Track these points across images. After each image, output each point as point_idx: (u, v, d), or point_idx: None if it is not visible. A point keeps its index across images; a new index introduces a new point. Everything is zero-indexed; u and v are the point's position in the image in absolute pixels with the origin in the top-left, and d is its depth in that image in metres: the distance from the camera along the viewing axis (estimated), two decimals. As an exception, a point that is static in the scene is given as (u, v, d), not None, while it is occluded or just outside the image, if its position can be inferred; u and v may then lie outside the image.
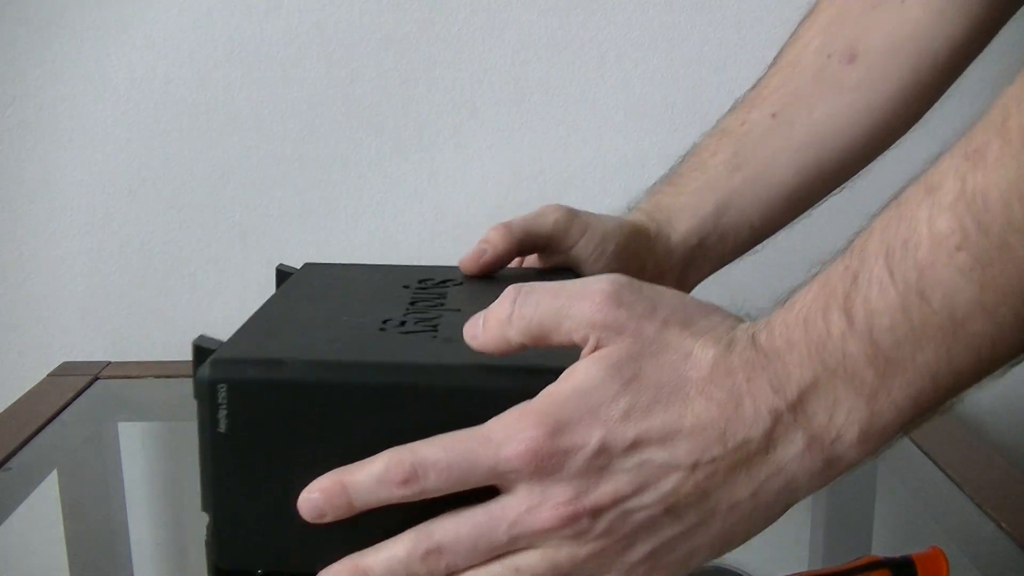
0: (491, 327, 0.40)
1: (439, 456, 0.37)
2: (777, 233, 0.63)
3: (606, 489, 0.37)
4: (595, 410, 0.37)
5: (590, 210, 0.59)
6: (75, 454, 0.82)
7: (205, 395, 0.39)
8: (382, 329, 0.44)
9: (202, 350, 0.40)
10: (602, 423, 0.37)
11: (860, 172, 0.63)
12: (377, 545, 0.39)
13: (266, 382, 0.39)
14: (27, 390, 0.85)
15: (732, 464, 0.37)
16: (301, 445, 0.39)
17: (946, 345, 0.34)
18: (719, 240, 0.61)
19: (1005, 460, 0.71)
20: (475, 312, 0.41)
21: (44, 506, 0.75)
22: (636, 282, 0.39)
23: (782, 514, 0.39)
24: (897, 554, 0.53)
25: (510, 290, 0.40)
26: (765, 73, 0.64)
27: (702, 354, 0.37)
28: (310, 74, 0.92)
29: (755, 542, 0.41)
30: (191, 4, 0.90)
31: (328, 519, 0.38)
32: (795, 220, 0.63)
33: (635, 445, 0.37)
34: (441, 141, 0.94)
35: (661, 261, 0.60)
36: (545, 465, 0.36)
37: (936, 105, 0.62)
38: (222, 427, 0.39)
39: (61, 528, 0.78)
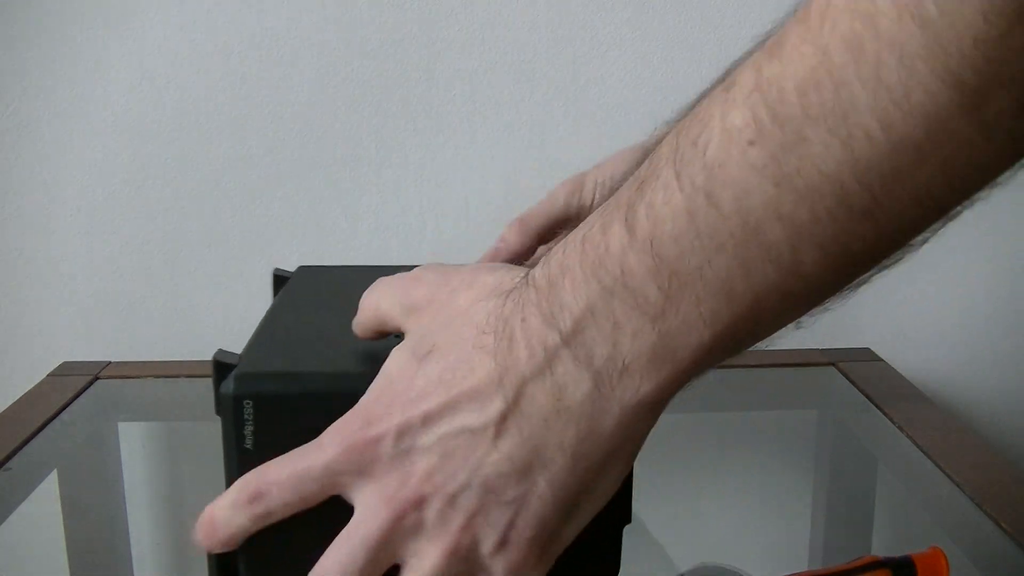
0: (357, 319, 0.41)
1: (279, 472, 0.37)
2: None
3: (417, 472, 0.35)
4: (397, 394, 0.36)
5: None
6: (75, 454, 0.82)
7: (230, 411, 0.39)
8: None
9: (223, 365, 0.40)
10: (400, 405, 0.36)
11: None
12: None
13: (292, 396, 0.39)
14: (27, 390, 0.85)
15: (524, 420, 0.34)
16: None
17: (739, 257, 0.30)
18: None
19: (1005, 460, 0.71)
20: None
21: (44, 506, 0.75)
22: (442, 264, 0.40)
23: (623, 470, 0.36)
24: (897, 554, 0.53)
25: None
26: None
27: (478, 308, 0.36)
28: (310, 74, 0.92)
29: (755, 542, 0.41)
30: (191, 4, 0.90)
31: (216, 550, 0.38)
32: None
33: (427, 420, 0.35)
34: (441, 141, 0.94)
35: None
36: (363, 459, 0.36)
37: None
38: (248, 443, 0.39)
39: (61, 528, 0.78)
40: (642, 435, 0.35)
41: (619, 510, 0.40)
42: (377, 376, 0.38)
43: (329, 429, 0.37)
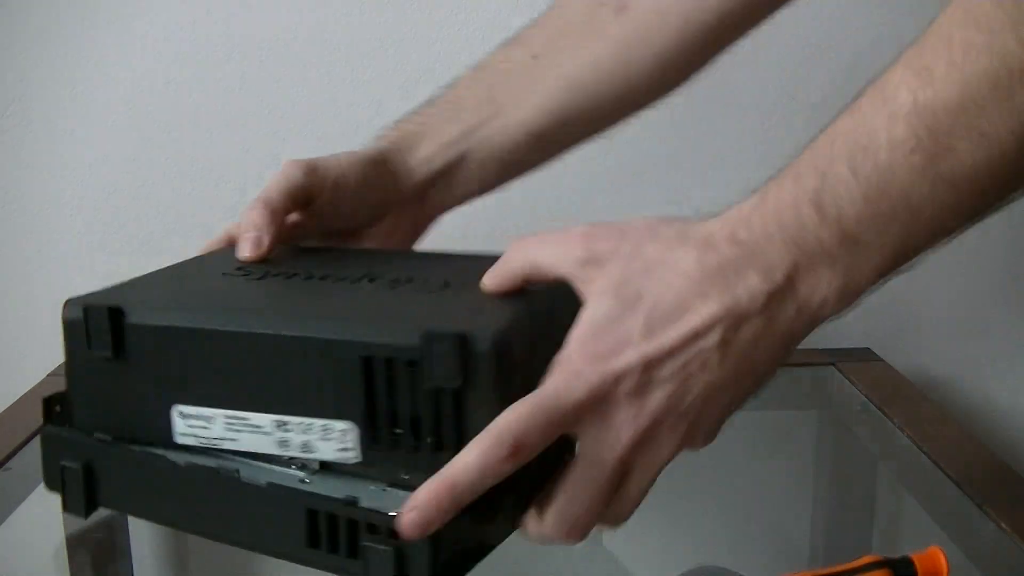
0: (497, 271, 0.46)
1: (533, 420, 0.41)
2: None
3: (654, 402, 0.42)
4: (624, 336, 0.42)
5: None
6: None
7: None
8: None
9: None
10: (631, 346, 0.42)
11: (616, 128, 0.66)
12: (537, 510, 0.44)
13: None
14: (27, 390, 0.85)
15: (741, 344, 0.43)
16: None
17: (905, 229, 0.42)
18: (463, 166, 0.63)
19: (1005, 460, 0.71)
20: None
21: (44, 506, 0.75)
22: (603, 222, 0.45)
23: (791, 354, 0.45)
24: (897, 554, 0.53)
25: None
26: (541, 14, 0.65)
27: (682, 256, 0.43)
28: (310, 74, 0.92)
29: (755, 542, 0.42)
30: (191, 4, 0.90)
31: (427, 527, 0.40)
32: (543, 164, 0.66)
33: (669, 352, 0.42)
34: (441, 141, 0.94)
35: (402, 184, 0.62)
36: (603, 397, 0.41)
37: None
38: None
39: (61, 528, 0.78)
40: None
41: None
42: (577, 324, 0.43)
43: (551, 379, 0.42)
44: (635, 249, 0.44)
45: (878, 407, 0.80)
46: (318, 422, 0.44)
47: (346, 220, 0.61)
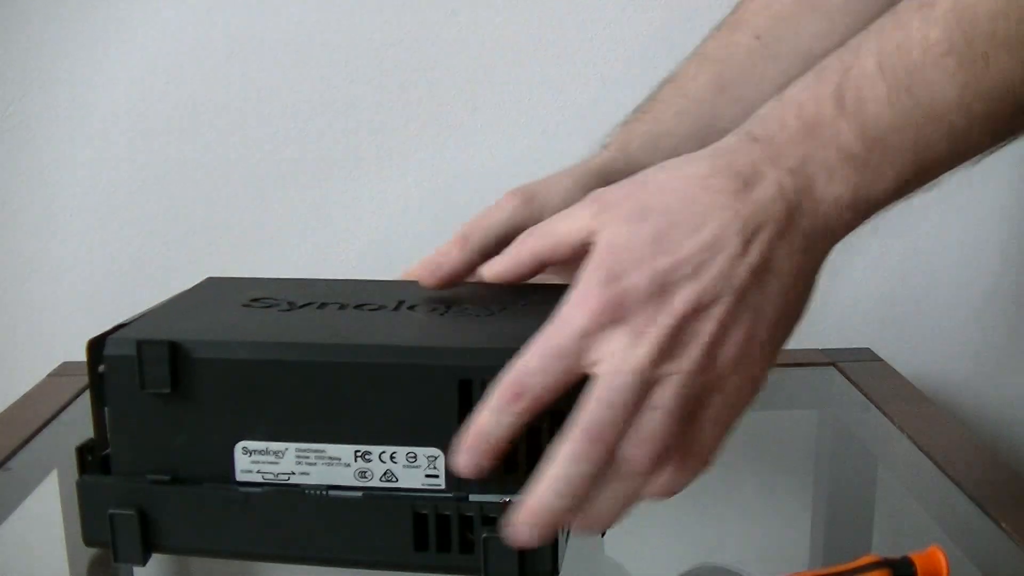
0: (504, 256, 0.46)
1: (530, 361, 0.40)
2: None
3: (678, 301, 0.40)
4: (631, 251, 0.40)
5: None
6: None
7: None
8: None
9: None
10: (642, 259, 0.40)
11: None
12: (536, 481, 0.41)
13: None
14: (27, 390, 0.85)
15: (763, 237, 0.40)
16: None
17: (925, 134, 0.40)
18: None
19: (1005, 460, 0.71)
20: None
21: (44, 506, 0.75)
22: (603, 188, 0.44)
23: (812, 296, 0.43)
24: (897, 554, 0.53)
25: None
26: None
27: (693, 167, 0.42)
28: (310, 74, 0.92)
29: (755, 542, 0.42)
30: (191, 4, 0.90)
31: (487, 462, 0.41)
32: None
33: (680, 262, 0.40)
34: (441, 141, 0.94)
35: None
36: (616, 311, 0.40)
37: None
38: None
39: (61, 528, 0.78)
40: (826, 256, 0.43)
41: None
42: (593, 251, 0.41)
43: (565, 303, 0.40)
44: (644, 180, 0.43)
45: (878, 407, 0.80)
46: (403, 450, 0.43)
47: None
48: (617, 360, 0.40)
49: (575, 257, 0.42)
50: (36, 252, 0.94)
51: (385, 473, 0.43)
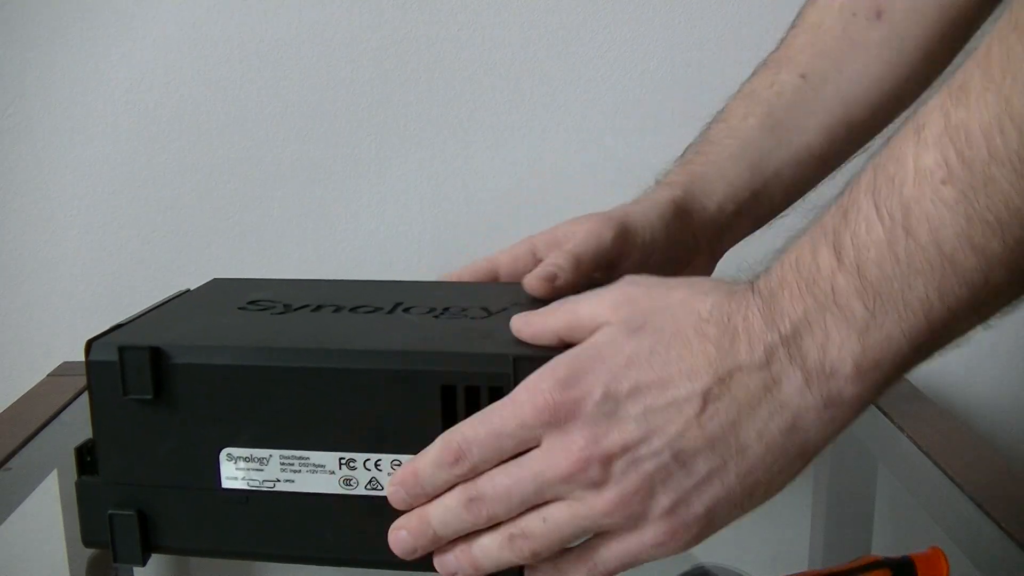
0: (535, 322, 0.44)
1: (475, 431, 0.41)
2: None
3: (615, 435, 0.38)
4: (603, 360, 0.39)
5: (594, 210, 0.59)
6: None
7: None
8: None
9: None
10: (607, 370, 0.39)
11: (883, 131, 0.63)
12: (434, 500, 0.42)
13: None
14: (27, 390, 0.85)
15: (732, 404, 0.38)
16: None
17: (936, 281, 0.34)
18: (755, 204, 0.61)
19: (1005, 460, 0.71)
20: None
21: (44, 506, 0.75)
22: (643, 275, 0.43)
23: (800, 468, 0.39)
24: (897, 554, 0.53)
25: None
26: (787, 35, 0.64)
27: (701, 301, 0.39)
28: (310, 74, 0.92)
29: (755, 542, 0.42)
30: (191, 4, 0.90)
31: (407, 505, 0.42)
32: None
33: (636, 390, 0.38)
34: (441, 142, 0.94)
35: (699, 233, 0.60)
36: (559, 416, 0.39)
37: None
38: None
39: (61, 528, 0.78)
40: (832, 437, 0.38)
41: None
42: (583, 344, 0.41)
43: (522, 386, 0.40)
44: (666, 292, 0.41)
45: (878, 407, 0.80)
46: (387, 457, 0.43)
47: (657, 271, 0.57)
48: (539, 462, 0.40)
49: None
50: (36, 252, 0.94)
51: (370, 481, 0.43)
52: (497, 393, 0.41)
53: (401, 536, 0.43)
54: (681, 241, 0.59)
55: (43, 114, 0.91)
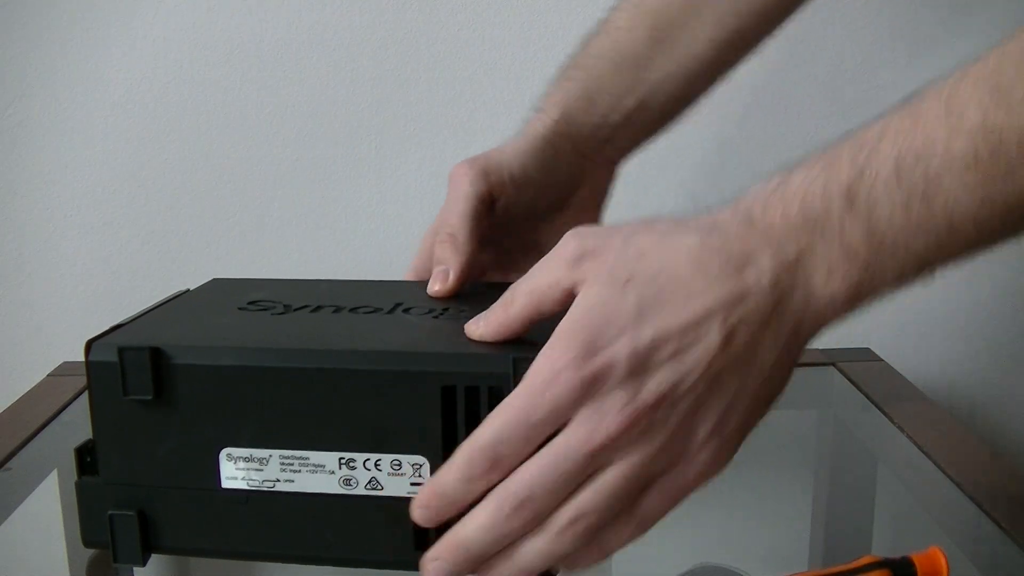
0: (494, 318, 0.43)
1: (502, 430, 0.40)
2: None
3: (652, 385, 0.39)
4: (611, 321, 0.39)
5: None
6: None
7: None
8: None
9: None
10: (622, 328, 0.39)
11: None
12: (464, 518, 0.41)
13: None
14: (27, 390, 0.85)
15: (749, 325, 0.40)
16: None
17: (938, 241, 0.39)
18: (643, 112, 0.61)
19: (1005, 460, 0.71)
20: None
21: (44, 506, 0.75)
22: (583, 227, 0.43)
23: (798, 357, 0.43)
24: (897, 554, 0.53)
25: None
26: None
27: (682, 239, 0.41)
28: (310, 74, 0.92)
29: (755, 542, 0.42)
30: (191, 4, 0.90)
31: (435, 523, 0.42)
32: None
33: (658, 338, 0.39)
34: (441, 142, 0.94)
35: (586, 150, 0.60)
36: (592, 388, 0.39)
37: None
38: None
39: (61, 528, 0.78)
40: (809, 342, 0.43)
41: None
42: (574, 310, 0.40)
43: (535, 373, 0.39)
44: (628, 238, 0.41)
45: (878, 407, 0.80)
46: (387, 457, 0.43)
47: (536, 205, 0.58)
48: (581, 434, 0.39)
49: (564, 305, 0.42)
50: (36, 252, 0.94)
51: (370, 481, 0.43)
52: (497, 393, 0.41)
53: (438, 567, 0.42)
54: (562, 164, 0.59)
55: (43, 114, 0.91)
